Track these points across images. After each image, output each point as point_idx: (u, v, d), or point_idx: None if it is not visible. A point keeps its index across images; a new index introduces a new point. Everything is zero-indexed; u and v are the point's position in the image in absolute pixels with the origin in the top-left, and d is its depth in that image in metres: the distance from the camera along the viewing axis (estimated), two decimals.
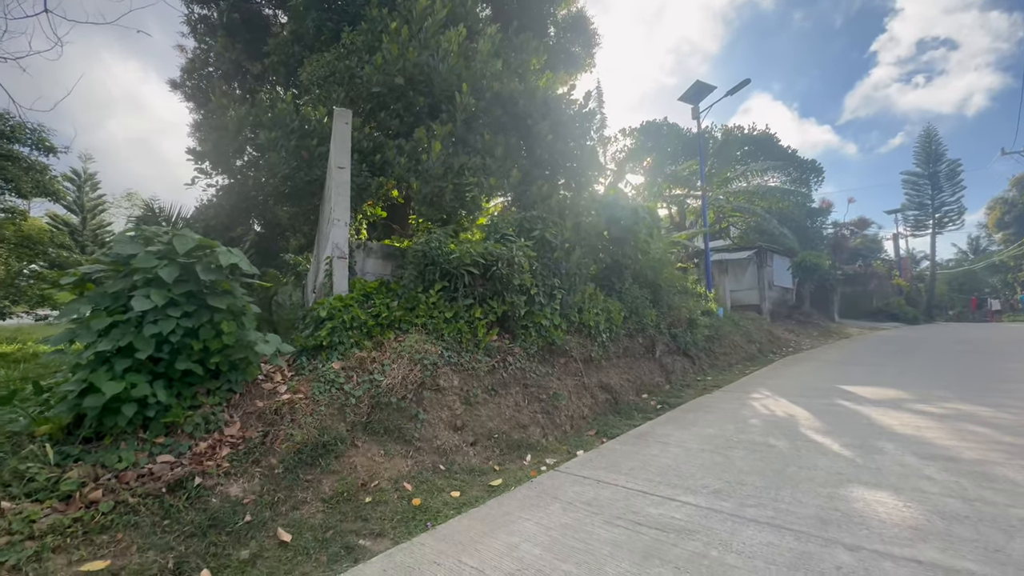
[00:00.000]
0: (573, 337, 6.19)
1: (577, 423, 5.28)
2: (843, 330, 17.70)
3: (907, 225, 33.83)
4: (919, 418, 4.89)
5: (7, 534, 2.28)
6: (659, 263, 8.01)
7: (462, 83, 5.89)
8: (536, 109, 6.49)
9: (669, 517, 2.88)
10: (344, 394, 3.66)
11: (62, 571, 2.25)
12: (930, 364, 8.87)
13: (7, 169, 14.05)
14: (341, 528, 2.91)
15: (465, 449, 4.04)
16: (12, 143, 14.78)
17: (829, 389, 6.71)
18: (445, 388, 4.27)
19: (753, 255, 17.02)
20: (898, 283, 27.56)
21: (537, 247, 5.64)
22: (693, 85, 12.71)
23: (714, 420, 5.23)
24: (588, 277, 6.91)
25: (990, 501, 2.86)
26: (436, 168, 5.54)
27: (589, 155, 7.32)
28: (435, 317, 4.60)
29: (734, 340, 10.86)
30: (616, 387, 6.28)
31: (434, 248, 4.75)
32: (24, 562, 2.21)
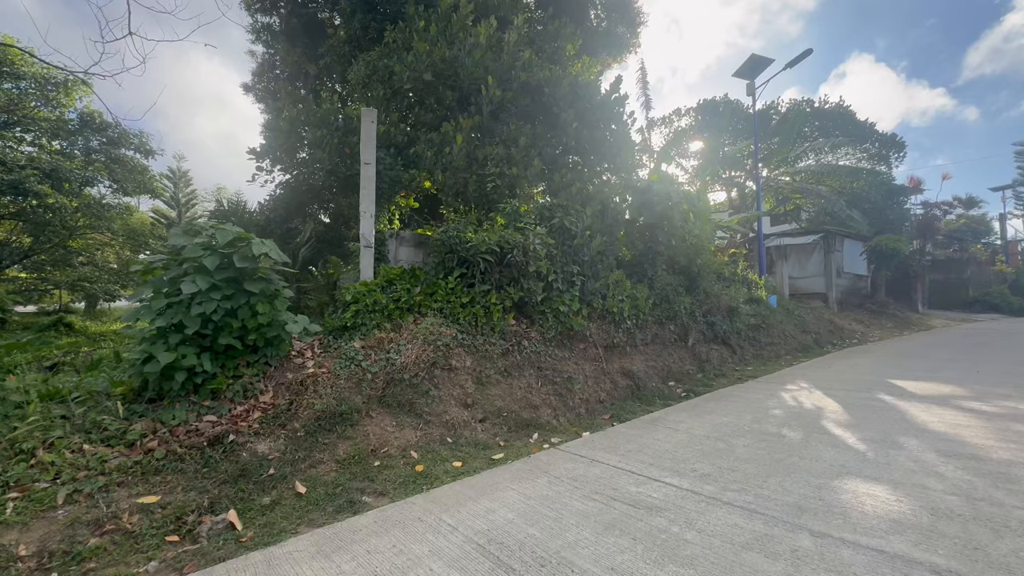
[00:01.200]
0: (595, 323, 6.27)
1: (593, 407, 5.41)
2: (925, 322, 16.08)
3: (1019, 203, 29.59)
4: (963, 415, 4.53)
5: (85, 469, 2.87)
6: (695, 249, 7.79)
7: (487, 75, 6.07)
8: (562, 97, 6.53)
9: (646, 496, 2.99)
10: (362, 370, 4.07)
11: (124, 501, 2.81)
12: (1011, 361, 7.96)
13: (115, 171, 16.13)
14: (349, 486, 3.31)
15: (474, 425, 4.33)
16: (118, 148, 16.91)
17: (876, 383, 6.30)
18: (458, 368, 4.57)
19: (819, 240, 15.81)
20: (1001, 269, 24.29)
21: (556, 234, 5.76)
22: (748, 59, 11.93)
23: (734, 409, 5.14)
24: (615, 264, 6.91)
25: (997, 502, 2.70)
26: (459, 160, 5.79)
27: (620, 141, 7.24)
28: (452, 302, 4.91)
29: (785, 330, 10.31)
30: (639, 374, 6.30)
31: (452, 237, 5.04)
32: (96, 491, 2.78)
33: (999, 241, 28.88)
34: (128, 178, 17.37)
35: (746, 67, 12.09)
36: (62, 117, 15.34)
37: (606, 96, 6.89)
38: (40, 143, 15.63)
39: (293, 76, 14.06)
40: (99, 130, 16.51)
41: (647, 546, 2.39)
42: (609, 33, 11.33)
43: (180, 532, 2.74)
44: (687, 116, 18.66)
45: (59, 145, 15.69)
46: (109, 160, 16.78)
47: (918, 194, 24.88)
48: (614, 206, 6.66)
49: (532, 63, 6.87)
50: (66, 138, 15.43)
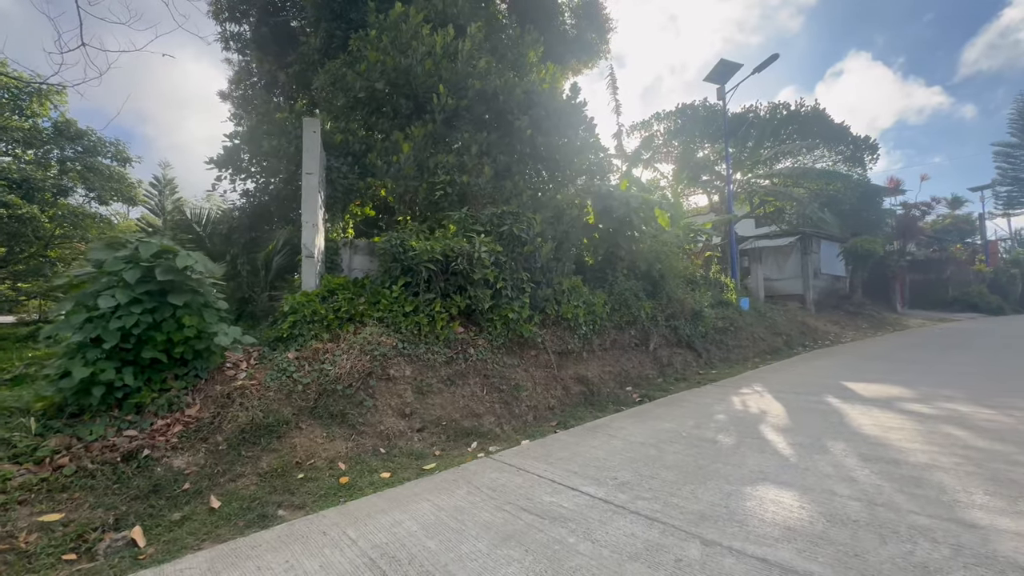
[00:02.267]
0: (549, 330, 6.28)
1: (542, 413, 5.40)
2: (901, 322, 16.21)
3: (998, 203, 29.99)
4: (900, 418, 4.56)
5: None
6: (655, 254, 7.83)
7: (440, 84, 6.10)
8: (516, 104, 6.56)
9: (557, 506, 2.99)
10: (293, 381, 4.05)
11: (23, 519, 2.78)
12: (972, 361, 8.04)
13: (90, 180, 16.03)
14: (267, 499, 3.29)
15: (410, 435, 4.32)
16: (94, 157, 16.80)
17: (830, 386, 6.34)
18: (396, 377, 4.56)
19: (796, 242, 15.93)
20: (980, 269, 24.55)
21: (506, 242, 5.77)
22: (718, 64, 12.03)
23: (680, 415, 5.16)
24: (573, 270, 6.94)
25: (896, 507, 2.72)
26: (408, 168, 5.80)
27: (579, 147, 7.28)
28: (394, 311, 4.90)
29: (755, 332, 10.37)
30: (594, 379, 6.31)
31: (395, 245, 5.04)
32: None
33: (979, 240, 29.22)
34: (106, 187, 17.26)
35: (716, 72, 12.20)
36: (36, 126, 15.24)
37: (563, 102, 6.93)
38: (15, 153, 15.52)
39: (269, 84, 14.06)
40: (74, 139, 16.41)
41: (536, 558, 2.39)
42: (579, 40, 11.40)
43: (79, 550, 2.71)
44: (666, 120, 18.80)
45: (33, 154, 15.58)
46: (85, 169, 16.68)
47: (899, 195, 25.17)
48: (571, 212, 6.68)
49: (489, 71, 6.91)
50: (39, 147, 15.33)
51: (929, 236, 26.70)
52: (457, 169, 6.05)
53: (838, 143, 17.00)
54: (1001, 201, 29.67)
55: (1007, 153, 28.85)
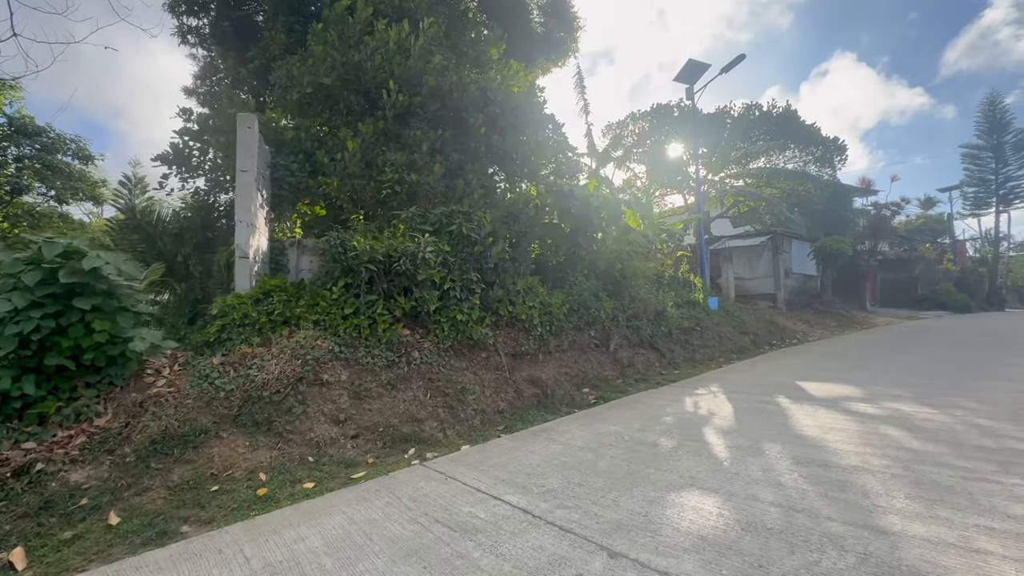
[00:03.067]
0: (502, 331, 6.16)
1: (490, 417, 5.28)
2: (870, 320, 16.48)
3: (966, 204, 30.75)
4: (843, 419, 4.54)
5: None
6: (617, 253, 7.76)
7: (389, 80, 5.94)
8: (470, 101, 6.43)
9: (473, 517, 2.87)
10: (214, 388, 3.87)
11: None
12: (926, 360, 8.14)
13: (48, 178, 15.46)
14: (173, 515, 3.11)
15: (343, 442, 4.16)
16: (53, 154, 16.22)
17: (784, 385, 6.33)
18: (331, 382, 4.40)
19: (767, 241, 16.09)
20: (947, 268, 25.15)
21: (455, 242, 5.64)
22: (686, 64, 12.05)
23: (629, 417, 5.08)
24: (530, 270, 6.83)
25: (814, 514, 2.66)
26: (353, 166, 5.63)
27: (537, 145, 7.18)
28: (332, 314, 4.73)
29: (721, 332, 10.39)
30: (549, 382, 6.21)
31: (335, 245, 4.87)
32: None
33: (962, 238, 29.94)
34: (66, 185, 16.69)
35: (685, 72, 12.22)
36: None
37: (520, 100, 6.82)
38: None
39: (236, 81, 13.67)
40: (31, 135, 15.83)
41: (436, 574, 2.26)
42: (548, 38, 11.31)
43: None
44: (642, 120, 18.84)
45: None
46: (43, 167, 16.10)
47: (871, 195, 25.65)
48: (528, 212, 6.58)
49: (445, 67, 6.77)
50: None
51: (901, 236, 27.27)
52: (407, 167, 5.89)
53: (808, 144, 17.22)
54: (969, 202, 30.44)
55: (974, 155, 29.59)
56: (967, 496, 2.77)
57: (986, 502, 2.69)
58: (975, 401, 4.96)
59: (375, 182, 5.73)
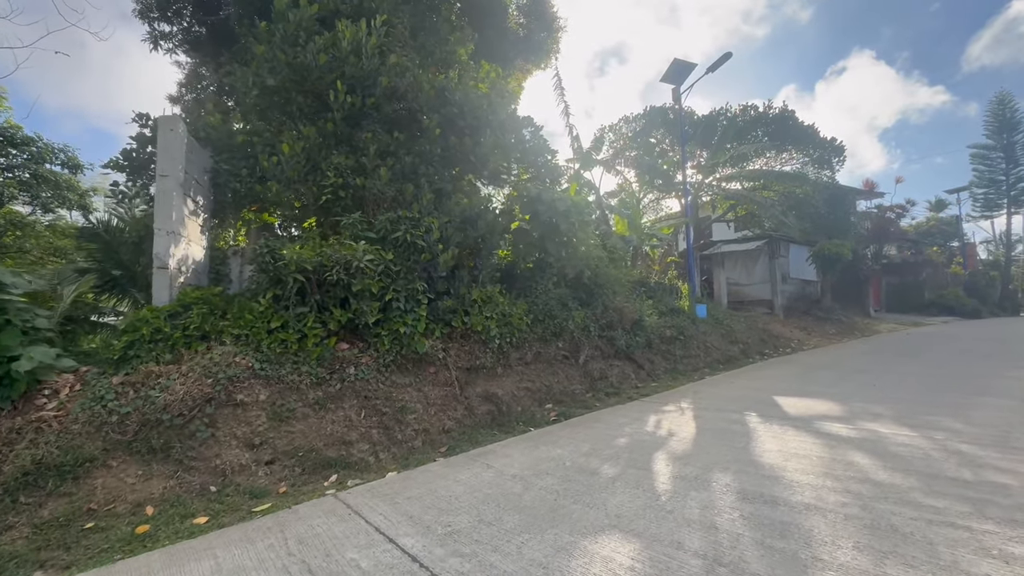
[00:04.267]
0: (455, 343, 5.80)
1: (434, 438, 4.91)
2: (871, 327, 15.87)
3: (976, 205, 29.90)
4: (811, 442, 4.11)
5: None
6: (586, 259, 7.38)
7: (337, 80, 5.65)
8: (425, 102, 6.12)
9: (354, 565, 2.50)
10: (108, 411, 3.54)
11: None
12: (919, 372, 7.63)
13: (33, 187, 15.41)
14: (30, 558, 2.77)
15: (254, 468, 3.81)
16: (41, 164, 16.18)
17: (760, 401, 5.89)
18: (247, 403, 4.06)
19: (763, 246, 15.58)
20: (955, 271, 24.35)
21: (400, 249, 5.30)
22: (672, 64, 11.69)
23: (582, 437, 4.68)
24: (492, 278, 6.47)
25: (741, 568, 2.26)
26: (290, 170, 5.33)
27: (501, 148, 6.83)
28: (257, 328, 4.41)
29: (708, 341, 9.93)
30: (506, 398, 5.82)
31: (262, 254, 4.56)
32: None
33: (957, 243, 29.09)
34: (55, 195, 16.66)
35: (671, 73, 11.85)
36: None
37: (482, 100, 6.50)
38: None
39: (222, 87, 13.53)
40: (19, 145, 15.81)
41: None
42: (528, 39, 11.01)
43: None
44: (634, 123, 18.45)
45: None
46: (32, 177, 16.07)
47: (875, 197, 24.98)
48: (488, 216, 6.22)
49: (402, 67, 6.46)
50: None
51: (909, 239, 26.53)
52: (354, 171, 5.58)
53: (806, 146, 16.71)
54: (979, 204, 29.60)
55: (983, 155, 28.77)
56: (926, 547, 2.35)
57: (947, 555, 2.27)
58: (962, 421, 4.49)
59: (316, 187, 5.44)
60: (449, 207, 5.82)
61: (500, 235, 6.54)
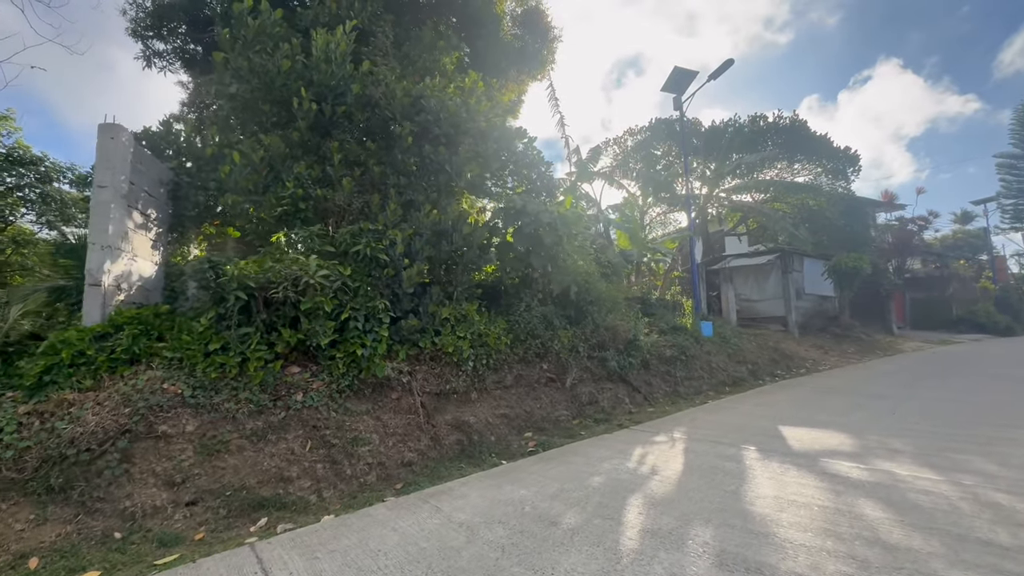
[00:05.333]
0: (424, 367, 5.35)
1: (391, 473, 4.43)
2: (895, 345, 14.92)
3: (1005, 216, 28.55)
4: (814, 486, 3.52)
5: None
6: (573, 275, 6.89)
7: (299, 88, 5.37)
8: (397, 110, 5.80)
9: None
10: (3, 446, 3.16)
11: None
12: (946, 396, 6.90)
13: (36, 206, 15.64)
14: None
15: (171, 511, 3.38)
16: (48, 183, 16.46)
17: (764, 431, 5.28)
18: (171, 435, 3.65)
19: (776, 259, 14.87)
20: (984, 286, 23.04)
21: (362, 264, 4.91)
22: (672, 72, 11.30)
23: (553, 475, 4.15)
24: (468, 295, 6.03)
25: None
26: (244, 180, 5.02)
27: (482, 158, 6.46)
28: (192, 350, 4.03)
29: (713, 362, 9.29)
30: (479, 426, 5.32)
31: (202, 269, 4.21)
32: None
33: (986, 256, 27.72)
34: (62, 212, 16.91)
35: (672, 81, 11.45)
36: None
37: (459, 109, 6.16)
38: None
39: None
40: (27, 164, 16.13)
41: None
42: (522, 51, 10.75)
43: None
44: (639, 135, 18.06)
45: None
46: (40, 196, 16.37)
47: (897, 209, 24.00)
48: (464, 230, 5.82)
49: (377, 75, 6.18)
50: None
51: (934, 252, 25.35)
52: (317, 182, 5.26)
53: (820, 156, 16.06)
54: (1008, 215, 28.23)
55: (1010, 164, 27.50)
56: None
57: None
58: (996, 462, 3.84)
59: (274, 198, 5.12)
60: (419, 219, 5.43)
61: (479, 249, 6.12)
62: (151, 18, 10.46)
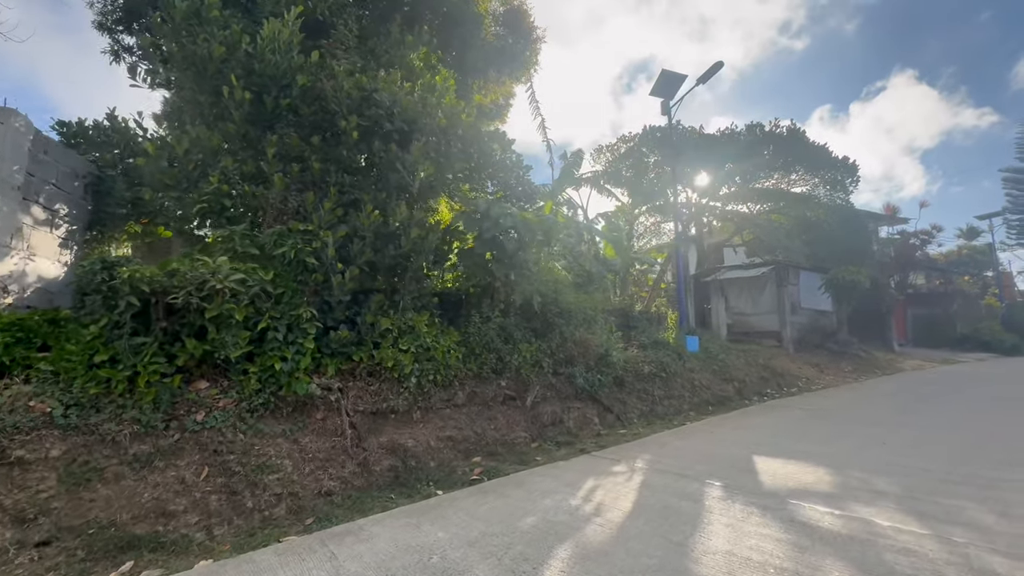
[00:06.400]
0: (357, 383, 4.85)
1: (304, 504, 3.91)
2: (895, 363, 14.29)
3: (1011, 232, 27.92)
4: (775, 536, 2.98)
5: None
6: (537, 284, 6.39)
7: (230, 76, 4.95)
8: (346, 103, 5.37)
9: None
10: None
11: None
12: (942, 424, 6.32)
13: None
14: None
15: (14, 553, 2.88)
16: None
17: (735, 460, 4.74)
18: (30, 461, 3.16)
19: (770, 272, 14.31)
20: (989, 303, 22.35)
21: (288, 268, 4.45)
22: (660, 76, 10.87)
23: (483, 513, 3.63)
24: (416, 304, 5.54)
25: None
26: (159, 175, 4.59)
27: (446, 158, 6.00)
28: (73, 361, 3.56)
29: (696, 380, 8.73)
30: (419, 450, 4.81)
31: (92, 272, 3.75)
32: None
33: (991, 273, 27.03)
34: None
35: (660, 85, 11.03)
36: None
37: (415, 104, 5.72)
38: None
39: None
40: None
41: None
42: (503, 51, 10.36)
43: None
44: (631, 142, 17.64)
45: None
46: None
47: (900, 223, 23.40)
48: (414, 233, 5.34)
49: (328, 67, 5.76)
50: None
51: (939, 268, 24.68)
52: (249, 178, 4.83)
53: (817, 166, 15.56)
54: (1014, 230, 27.61)
55: (1017, 179, 26.96)
56: None
57: None
58: (994, 511, 3.29)
59: (196, 195, 4.68)
60: (359, 221, 4.96)
61: (432, 255, 5.64)
62: (120, 11, 10.12)
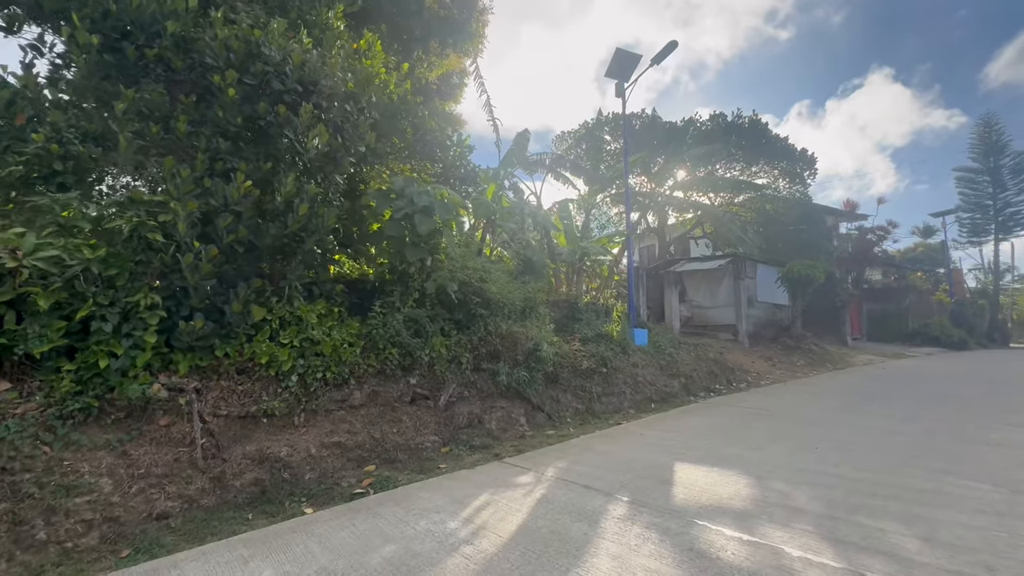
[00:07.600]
0: (221, 382, 4.15)
1: (128, 531, 3.23)
2: (847, 358, 14.31)
3: (963, 230, 28.77)
4: (667, 571, 2.47)
5: None
6: (452, 272, 5.78)
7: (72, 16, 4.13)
8: (223, 58, 4.61)
9: None
10: None
11: None
12: (881, 424, 6.03)
13: None
14: None
15: None
16: None
17: (651, 470, 4.26)
18: None
19: (727, 265, 14.07)
20: (940, 299, 22.95)
21: (128, 246, 3.71)
22: (614, 56, 10.31)
23: (337, 541, 3.02)
24: (307, 291, 4.85)
25: None
26: None
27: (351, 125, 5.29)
28: None
29: (640, 375, 8.31)
30: (294, 460, 4.16)
31: None
32: None
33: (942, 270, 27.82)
34: None
35: (615, 66, 10.48)
36: None
37: (313, 61, 4.98)
38: None
39: None
40: None
41: None
42: (448, 20, 9.62)
43: None
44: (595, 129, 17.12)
45: None
46: None
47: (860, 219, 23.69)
48: (301, 212, 4.63)
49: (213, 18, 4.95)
50: None
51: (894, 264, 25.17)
52: (91, 137, 4.05)
53: (778, 159, 15.41)
54: (966, 228, 28.46)
55: (969, 178, 27.70)
56: None
57: None
58: (919, 535, 2.86)
59: (16, 154, 3.88)
60: (228, 193, 4.22)
61: (327, 235, 4.95)
62: None
